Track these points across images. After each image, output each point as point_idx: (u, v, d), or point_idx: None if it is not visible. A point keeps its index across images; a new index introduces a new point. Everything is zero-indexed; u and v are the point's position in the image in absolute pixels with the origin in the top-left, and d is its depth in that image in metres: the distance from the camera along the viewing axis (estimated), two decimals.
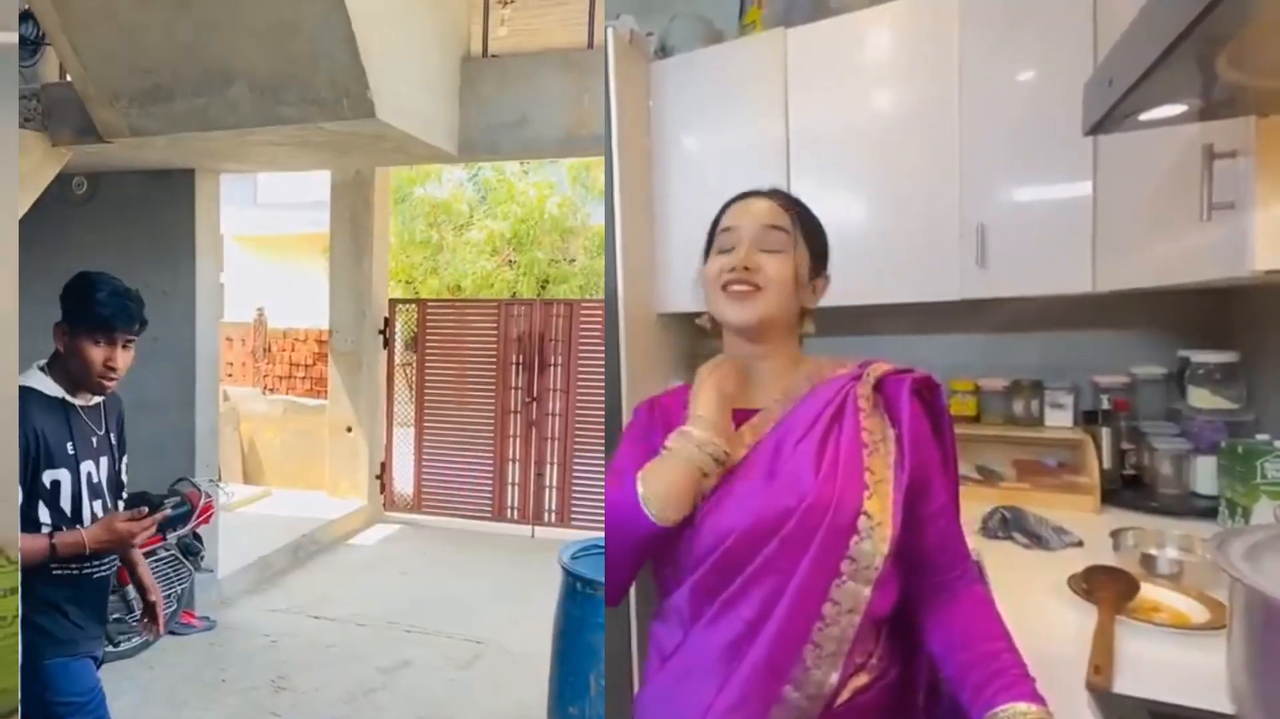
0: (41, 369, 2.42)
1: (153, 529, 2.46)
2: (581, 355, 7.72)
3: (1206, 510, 2.76)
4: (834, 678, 1.50)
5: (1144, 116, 1.67)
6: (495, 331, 7.97)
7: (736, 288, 1.66)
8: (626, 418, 3.34)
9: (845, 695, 1.53)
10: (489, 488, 8.00)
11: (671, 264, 3.76)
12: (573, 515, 7.75)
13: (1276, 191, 1.68)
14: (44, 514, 2.32)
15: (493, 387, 7.99)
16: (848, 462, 1.53)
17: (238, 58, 4.95)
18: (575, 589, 3.29)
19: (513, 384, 7.93)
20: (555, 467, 7.85)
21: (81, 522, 2.39)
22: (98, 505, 2.46)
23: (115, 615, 4.62)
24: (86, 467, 2.42)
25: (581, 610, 3.26)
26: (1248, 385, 2.84)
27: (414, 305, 8.45)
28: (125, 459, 2.66)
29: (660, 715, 1.66)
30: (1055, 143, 2.89)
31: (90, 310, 2.38)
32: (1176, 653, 1.78)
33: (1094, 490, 2.98)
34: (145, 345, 2.39)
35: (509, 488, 7.97)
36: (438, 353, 8.21)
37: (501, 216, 12.31)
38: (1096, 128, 1.76)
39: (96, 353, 2.39)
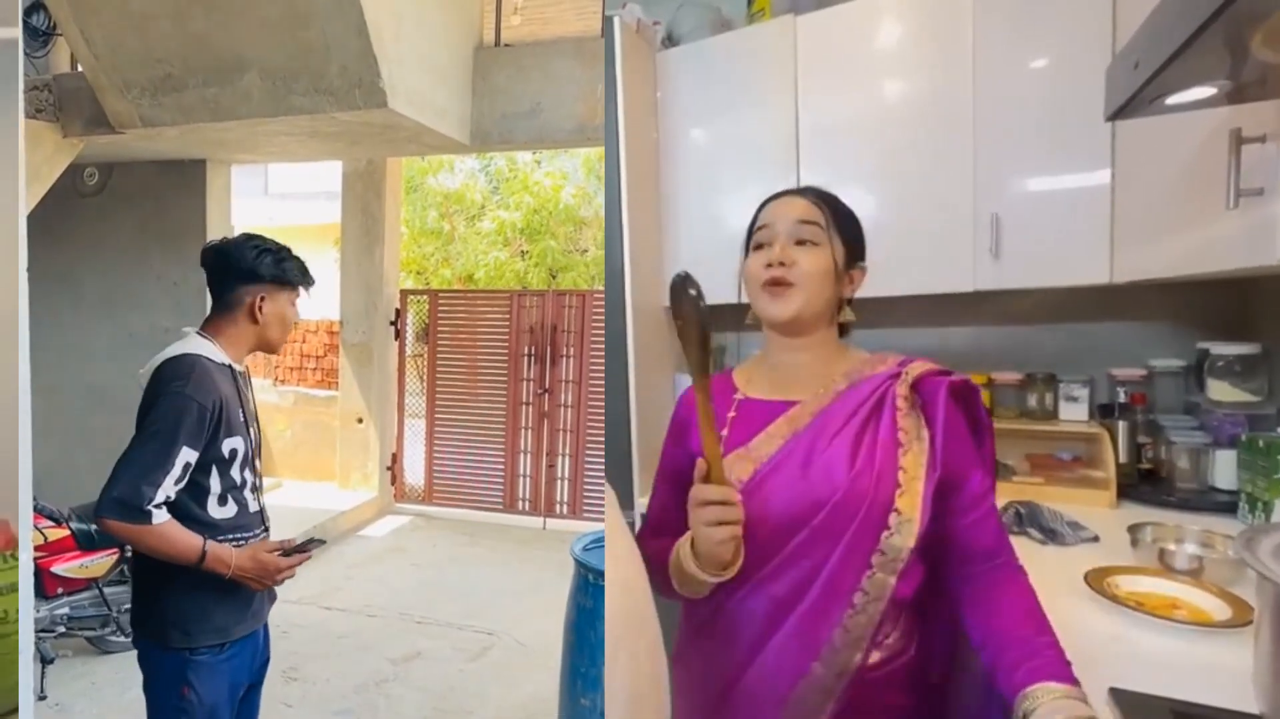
0: (202, 335, 2.34)
1: (295, 573, 2.35)
2: (594, 346, 7.69)
3: (1226, 505, 2.72)
4: (858, 657, 1.57)
5: (1171, 100, 1.63)
6: (507, 322, 7.97)
7: (772, 285, 1.69)
8: (634, 414, 3.33)
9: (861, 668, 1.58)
10: (500, 479, 8.01)
11: (679, 258, 3.74)
12: (584, 507, 7.75)
13: None
14: (214, 483, 2.23)
15: (504, 378, 7.99)
16: (883, 459, 1.57)
17: (249, 47, 4.96)
18: (587, 581, 3.27)
19: (524, 375, 7.92)
20: (567, 458, 7.86)
21: (245, 488, 2.33)
22: (248, 473, 2.36)
23: (127, 606, 4.63)
24: (253, 432, 2.38)
25: (594, 602, 3.24)
26: (1269, 378, 2.80)
27: (425, 296, 8.45)
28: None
29: (694, 679, 1.73)
30: (1072, 131, 2.87)
31: (285, 268, 2.39)
32: (1197, 651, 1.75)
33: (1110, 485, 2.94)
34: (158, 336, 2.33)
35: (520, 479, 7.98)
36: (449, 344, 8.21)
37: (514, 207, 12.29)
38: (1120, 112, 1.73)
39: (292, 312, 2.43)
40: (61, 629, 4.44)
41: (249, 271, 2.34)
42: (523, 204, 12.21)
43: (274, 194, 14.53)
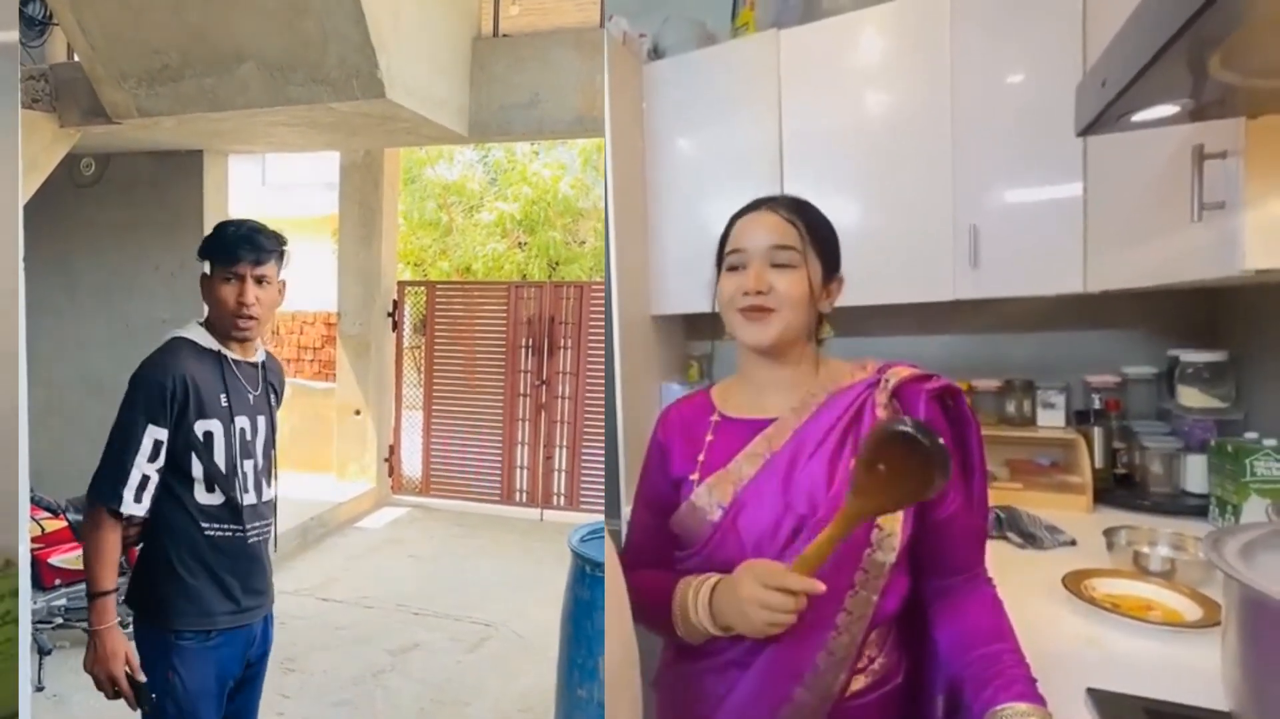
0: (200, 324, 2.38)
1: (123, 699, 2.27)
2: (592, 338, 7.69)
3: (1197, 508, 2.78)
4: (842, 679, 1.54)
5: (1136, 117, 1.67)
6: (505, 314, 7.97)
7: (750, 311, 1.64)
8: (622, 422, 3.35)
9: (844, 694, 1.56)
10: (498, 471, 8.02)
11: (665, 266, 3.79)
12: (582, 499, 7.77)
13: (1266, 191, 1.69)
14: (196, 468, 2.26)
15: (502, 369, 8.00)
16: None
17: (247, 37, 4.95)
18: (584, 572, 3.28)
19: (522, 367, 7.93)
20: (564, 450, 7.86)
21: (234, 478, 2.32)
22: (248, 465, 2.37)
23: (124, 597, 4.66)
24: (241, 422, 2.35)
25: (591, 593, 3.25)
26: (1236, 384, 2.86)
27: (423, 288, 8.44)
28: (277, 418, 2.58)
29: (676, 704, 1.72)
30: (1046, 144, 2.91)
31: (214, 246, 2.35)
32: (1170, 651, 1.79)
33: (1086, 489, 3.00)
34: (155, 326, 2.34)
35: (518, 471, 7.99)
36: (447, 335, 8.21)
37: (513, 198, 12.26)
38: (1089, 129, 1.76)
39: (227, 291, 2.31)
40: (59, 620, 4.46)
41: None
42: (521, 195, 12.17)
43: (271, 185, 14.40)
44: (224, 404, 2.31)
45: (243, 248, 2.32)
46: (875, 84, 3.32)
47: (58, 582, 4.41)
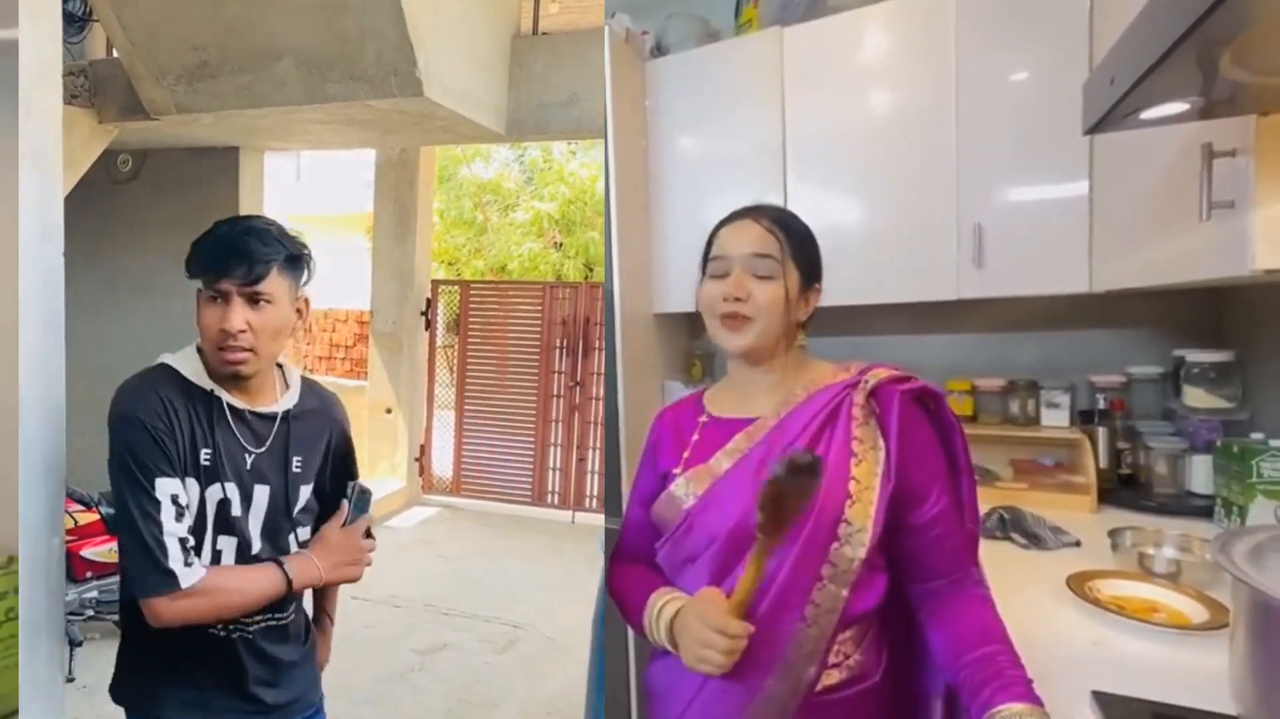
0: (200, 350, 1.84)
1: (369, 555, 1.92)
2: None
3: (1202, 509, 2.77)
4: (812, 672, 1.56)
5: (1145, 115, 1.66)
6: (539, 314, 7.97)
7: (729, 318, 1.71)
8: (624, 420, 3.36)
9: (817, 688, 1.58)
10: (529, 472, 8.03)
11: (667, 264, 3.81)
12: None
13: (1277, 190, 1.66)
14: (149, 535, 1.63)
15: (535, 370, 8.00)
16: (834, 470, 1.57)
17: (285, 34, 4.98)
18: None
19: (556, 368, 7.93)
20: (597, 452, 7.84)
21: (198, 557, 1.72)
22: (225, 543, 1.78)
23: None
24: (228, 489, 1.77)
25: None
26: (1243, 384, 2.84)
27: (457, 287, 8.46)
28: (305, 490, 1.93)
29: (660, 694, 1.77)
30: (1052, 143, 2.90)
31: (196, 254, 1.79)
32: (1176, 653, 1.78)
33: (1091, 490, 2.98)
34: (190, 323, 1.90)
35: (550, 472, 7.98)
36: (480, 335, 8.23)
37: (549, 198, 12.29)
38: (1097, 126, 1.75)
39: (210, 314, 1.75)
40: (90, 613, 4.51)
41: None
42: (558, 195, 12.21)
43: (306, 182, 14.49)
44: (204, 462, 1.75)
45: (229, 257, 1.75)
46: (879, 81, 3.31)
47: (89, 574, 4.46)
